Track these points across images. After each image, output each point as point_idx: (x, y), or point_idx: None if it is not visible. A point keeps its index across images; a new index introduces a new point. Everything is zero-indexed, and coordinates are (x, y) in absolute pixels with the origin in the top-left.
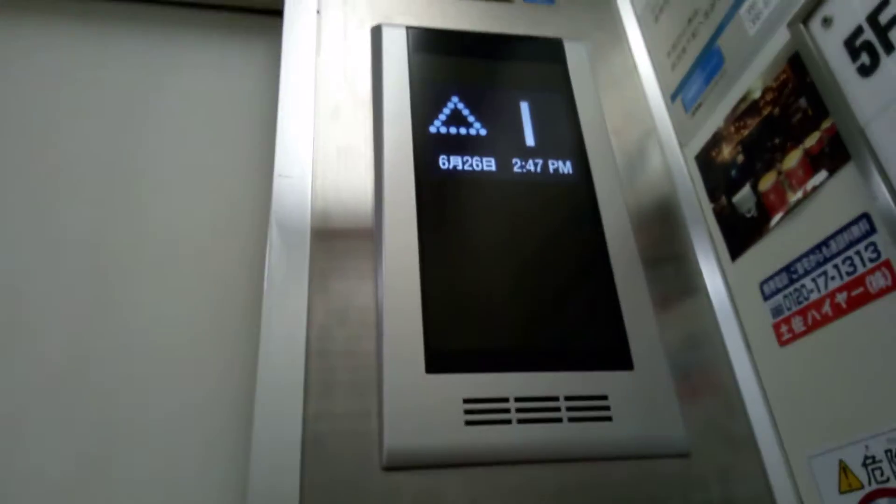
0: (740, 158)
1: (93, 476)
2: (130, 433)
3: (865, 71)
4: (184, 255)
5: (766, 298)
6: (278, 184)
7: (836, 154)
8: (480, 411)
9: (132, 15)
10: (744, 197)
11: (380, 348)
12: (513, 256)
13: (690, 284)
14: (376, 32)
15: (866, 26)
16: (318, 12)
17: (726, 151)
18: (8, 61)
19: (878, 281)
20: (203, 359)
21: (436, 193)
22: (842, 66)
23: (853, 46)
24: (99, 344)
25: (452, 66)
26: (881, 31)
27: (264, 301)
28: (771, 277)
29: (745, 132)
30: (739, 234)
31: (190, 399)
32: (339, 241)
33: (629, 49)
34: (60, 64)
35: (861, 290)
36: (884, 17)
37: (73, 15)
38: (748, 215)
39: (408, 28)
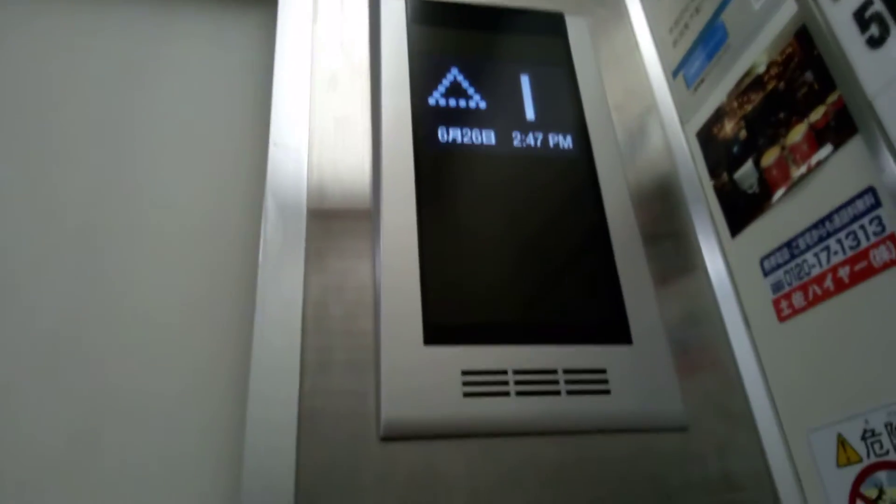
0: (743, 134)
1: (85, 454)
2: (124, 410)
3: (874, 43)
4: (178, 228)
5: (766, 274)
6: (273, 153)
7: (841, 128)
8: (478, 383)
9: None
10: (746, 173)
11: (377, 322)
12: (512, 231)
13: (690, 261)
14: (374, 2)
15: None
16: None
17: (728, 127)
18: (1, 29)
19: (881, 255)
20: (197, 334)
21: (435, 167)
22: (850, 38)
23: (862, 18)
24: (91, 318)
25: (452, 38)
26: (892, 2)
27: (259, 276)
28: (772, 253)
29: (749, 107)
30: (740, 210)
31: (184, 375)
32: (335, 215)
33: (630, 25)
34: (54, 33)
35: (864, 264)
36: None
37: None
38: (750, 191)
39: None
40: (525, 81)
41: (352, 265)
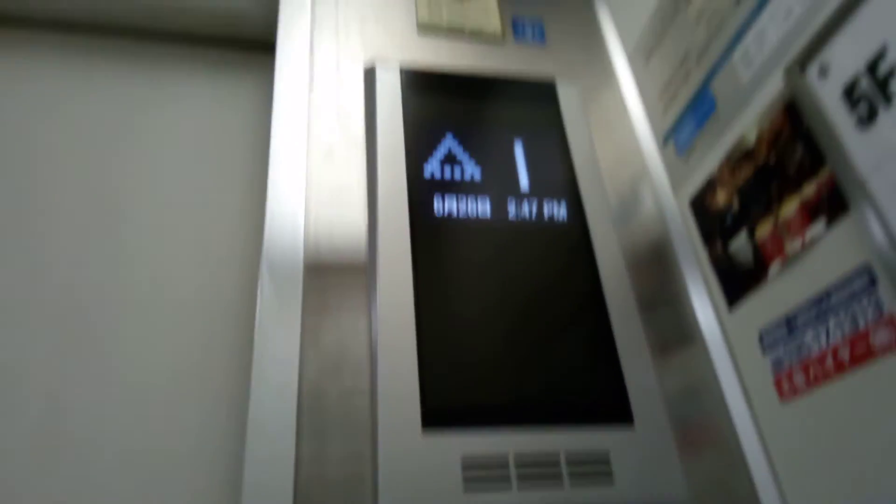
0: (736, 205)
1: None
2: (115, 481)
3: (864, 122)
4: (170, 297)
5: (765, 350)
6: (270, 226)
7: (834, 203)
8: (479, 478)
9: (119, 49)
10: (740, 245)
11: (374, 406)
12: (509, 305)
13: (687, 332)
14: (370, 74)
15: (864, 76)
16: (310, 48)
17: (721, 197)
18: None
19: (881, 337)
20: (187, 405)
21: (430, 239)
22: (840, 117)
23: (851, 97)
24: (80, 387)
25: (446, 107)
26: (879, 82)
27: (255, 350)
28: (770, 328)
29: (741, 178)
30: (736, 281)
31: (174, 442)
32: (332, 287)
33: (620, 90)
34: (47, 97)
35: (864, 346)
36: (882, 68)
37: (61, 48)
38: (745, 263)
39: (401, 70)
40: (519, 149)
41: (348, 336)
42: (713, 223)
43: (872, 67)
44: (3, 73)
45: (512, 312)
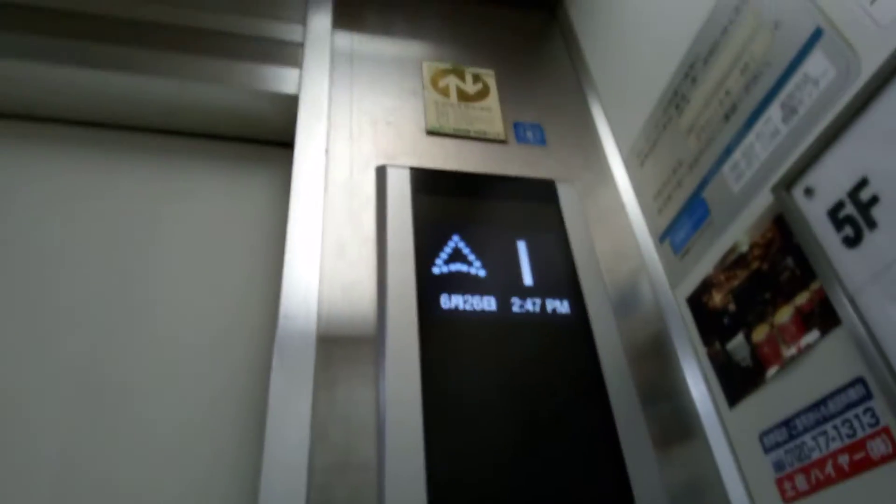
0: (732, 307)
1: None
2: None
3: (850, 242)
4: (182, 394)
5: (766, 451)
6: (284, 318)
7: (827, 315)
8: None
9: (142, 144)
10: (738, 345)
11: (381, 495)
12: (514, 398)
13: (688, 427)
14: (381, 173)
15: (848, 202)
16: (326, 151)
17: (717, 298)
18: (12, 188)
19: (878, 447)
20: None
21: (438, 334)
22: (827, 235)
23: (836, 218)
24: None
25: (453, 206)
26: (863, 208)
27: (265, 451)
28: (770, 430)
29: (736, 282)
30: (736, 381)
31: None
32: (341, 378)
33: (617, 190)
34: (66, 192)
35: (863, 454)
36: (864, 195)
37: (80, 142)
38: (743, 364)
39: (411, 169)
40: (522, 247)
41: (357, 433)
42: (711, 322)
43: (855, 193)
44: (25, 168)
45: (516, 404)
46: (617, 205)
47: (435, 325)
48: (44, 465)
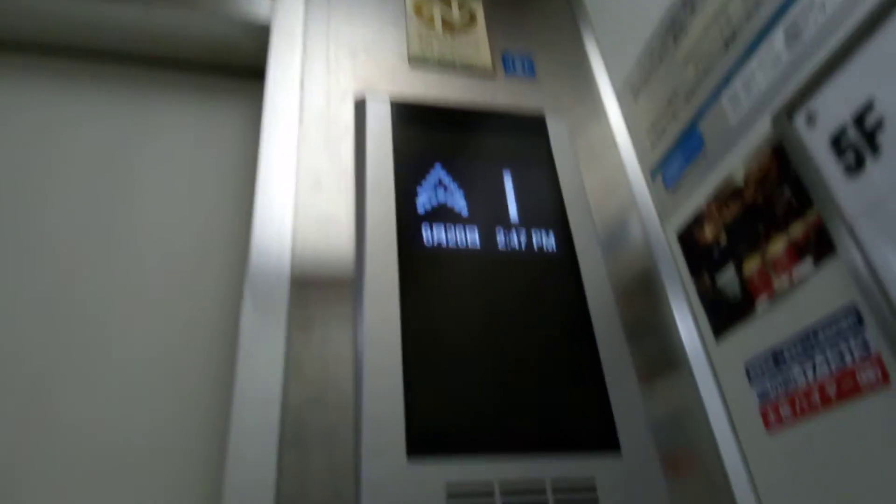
0: (723, 240)
1: None
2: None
3: (852, 170)
4: (152, 328)
5: (751, 381)
6: (256, 254)
7: (821, 244)
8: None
9: (109, 74)
10: (727, 279)
11: (358, 434)
12: (497, 334)
13: (673, 360)
14: (360, 105)
15: (851, 127)
16: (301, 81)
17: (709, 232)
18: None
19: (867, 375)
20: (169, 440)
21: (419, 269)
22: (827, 164)
23: (839, 145)
24: (64, 403)
25: (436, 139)
26: (867, 133)
27: (236, 380)
28: (756, 360)
29: (728, 215)
30: (723, 313)
31: (155, 480)
32: (317, 318)
33: (609, 125)
34: (34, 123)
35: (851, 383)
36: (869, 120)
37: (49, 74)
38: (732, 297)
39: (392, 101)
40: (508, 182)
41: (333, 365)
42: (701, 256)
43: (860, 119)
44: None
45: (500, 341)
46: (608, 140)
47: (416, 261)
48: (10, 395)
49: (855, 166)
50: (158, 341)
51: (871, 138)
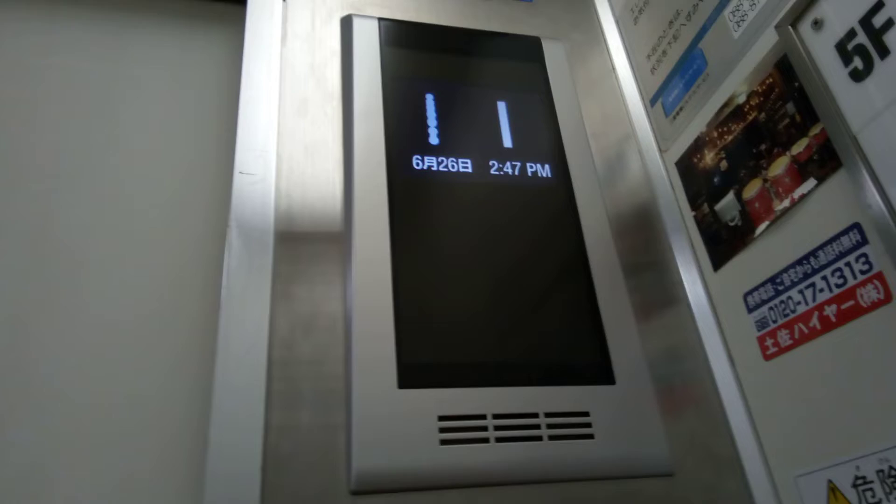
0: (724, 165)
1: (35, 486)
2: (75, 447)
3: (858, 76)
4: (135, 256)
5: (750, 310)
6: (239, 182)
7: (825, 161)
8: (456, 429)
9: (88, 4)
10: (727, 205)
11: (348, 362)
12: (490, 264)
13: (671, 294)
14: (346, 23)
15: (859, 29)
16: (284, 1)
17: (709, 157)
18: None
19: (869, 294)
20: (155, 369)
21: (409, 195)
22: (833, 71)
23: (845, 50)
24: (40, 348)
25: (427, 62)
26: (875, 35)
27: (222, 308)
28: (755, 289)
29: (729, 138)
30: (722, 243)
31: (140, 414)
32: (304, 245)
33: (608, 51)
34: (9, 50)
35: (852, 303)
36: (878, 20)
37: (28, 6)
38: (731, 224)
39: (380, 20)
40: (502, 108)
41: (321, 295)
42: (700, 184)
43: (867, 20)
44: None
45: (493, 270)
46: (607, 67)
47: (406, 187)
48: None
49: (863, 70)
50: (141, 276)
51: (878, 39)
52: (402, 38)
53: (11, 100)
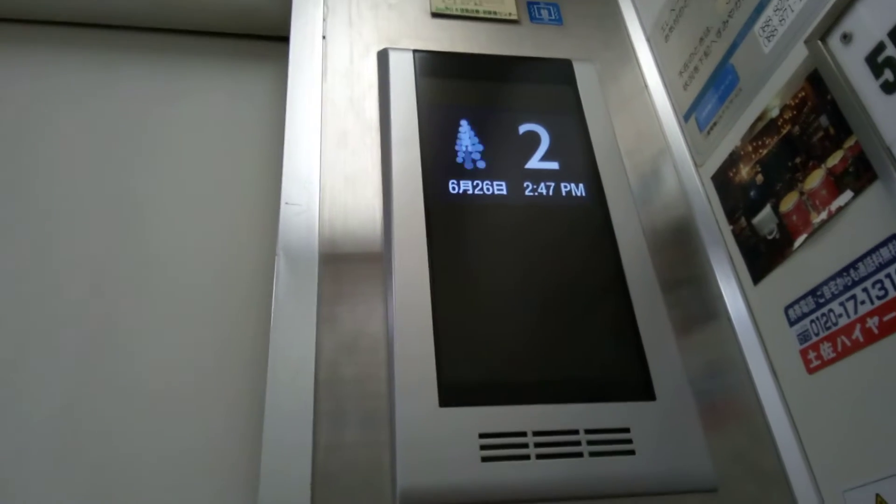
0: (759, 178)
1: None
2: (134, 473)
3: (889, 88)
4: (188, 287)
5: (791, 324)
6: (285, 211)
7: (861, 173)
8: (497, 446)
9: (135, 42)
10: (764, 218)
11: (391, 382)
12: (527, 283)
13: (711, 309)
14: (383, 56)
15: (888, 42)
16: (323, 38)
17: (744, 171)
18: (11, 90)
19: None
20: (208, 393)
21: (446, 220)
22: (864, 83)
23: (875, 63)
24: (99, 378)
25: (461, 89)
26: None
27: (272, 331)
28: (796, 301)
29: (764, 151)
30: (761, 256)
31: (197, 437)
32: (347, 271)
33: (639, 68)
34: (62, 92)
35: (894, 314)
36: None
37: (79, 43)
38: (770, 237)
39: (414, 52)
40: (535, 130)
41: (364, 317)
42: (736, 198)
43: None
44: (24, 69)
45: (530, 290)
46: (639, 85)
47: (443, 212)
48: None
49: (893, 83)
50: (195, 291)
51: None
52: (436, 68)
53: (63, 136)
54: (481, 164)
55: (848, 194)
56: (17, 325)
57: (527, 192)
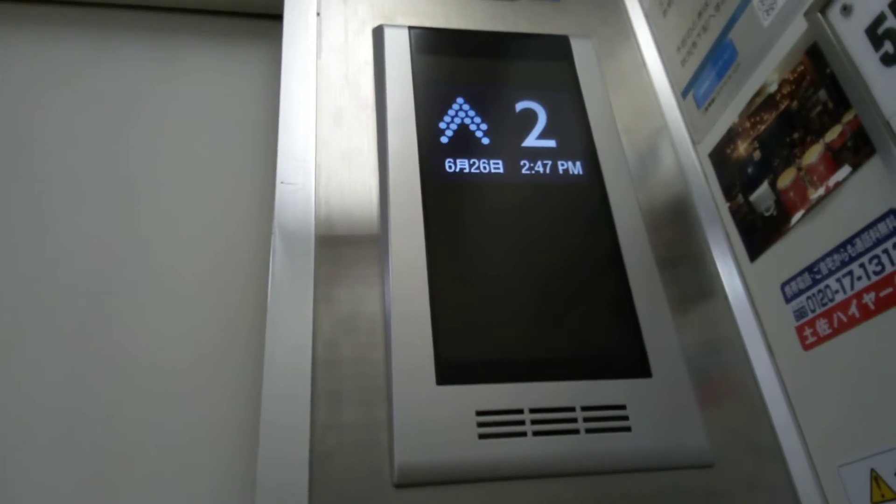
0: (757, 155)
1: (95, 501)
2: (132, 454)
3: (889, 60)
4: (183, 267)
5: (787, 300)
6: (281, 191)
7: (859, 148)
8: (494, 424)
9: (130, 21)
10: (762, 195)
11: (388, 360)
12: (523, 261)
13: (707, 286)
14: (378, 33)
15: (889, 13)
16: (318, 14)
17: (742, 148)
18: (3, 69)
19: None
20: (206, 374)
21: (442, 197)
22: (864, 56)
23: (875, 35)
24: (98, 359)
25: (457, 66)
26: None
27: (268, 312)
28: (793, 278)
29: (762, 127)
30: (758, 233)
31: (195, 417)
32: (344, 249)
33: (637, 45)
34: (56, 71)
35: (890, 290)
36: None
37: (71, 22)
38: (767, 214)
39: (410, 28)
40: (531, 107)
41: (361, 297)
42: (734, 175)
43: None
44: (17, 48)
45: (527, 267)
46: (637, 61)
47: (439, 190)
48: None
49: (893, 55)
50: (191, 271)
51: None
52: (431, 44)
53: (56, 115)
54: (477, 142)
55: (846, 169)
56: (13, 307)
57: (523, 171)
